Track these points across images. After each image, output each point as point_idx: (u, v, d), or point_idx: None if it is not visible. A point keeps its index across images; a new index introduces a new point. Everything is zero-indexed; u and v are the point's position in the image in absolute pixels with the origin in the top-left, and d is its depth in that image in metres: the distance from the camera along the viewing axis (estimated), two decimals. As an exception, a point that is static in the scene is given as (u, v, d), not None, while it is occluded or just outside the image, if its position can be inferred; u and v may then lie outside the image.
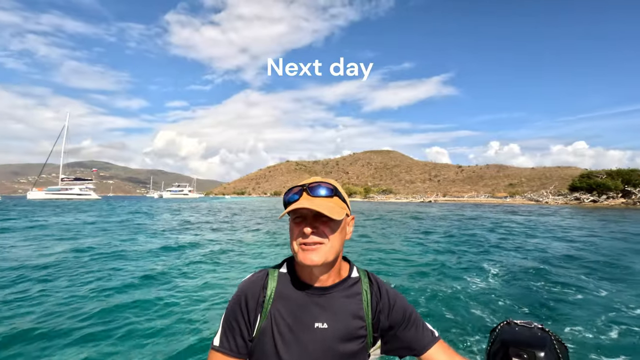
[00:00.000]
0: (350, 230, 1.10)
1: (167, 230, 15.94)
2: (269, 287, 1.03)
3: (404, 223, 21.12)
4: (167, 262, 8.46)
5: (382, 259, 9.05)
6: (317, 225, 0.97)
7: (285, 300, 1.02)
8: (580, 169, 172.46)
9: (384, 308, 1.08)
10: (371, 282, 1.11)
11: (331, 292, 1.04)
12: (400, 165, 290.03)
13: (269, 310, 1.01)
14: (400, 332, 1.09)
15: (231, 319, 1.02)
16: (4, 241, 11.52)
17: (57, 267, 7.44)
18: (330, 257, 0.98)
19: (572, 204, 65.19)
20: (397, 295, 1.12)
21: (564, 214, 33.11)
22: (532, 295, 5.78)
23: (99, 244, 11.05)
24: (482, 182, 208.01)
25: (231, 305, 1.04)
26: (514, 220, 23.19)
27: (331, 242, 0.98)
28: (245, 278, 1.10)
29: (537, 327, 1.25)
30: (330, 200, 1.01)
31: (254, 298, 1.02)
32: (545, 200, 79.43)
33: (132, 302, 5.16)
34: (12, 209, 33.15)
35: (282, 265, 1.12)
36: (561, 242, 12.35)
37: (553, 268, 7.90)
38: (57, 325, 4.21)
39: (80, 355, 3.55)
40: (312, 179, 1.06)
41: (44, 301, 5.15)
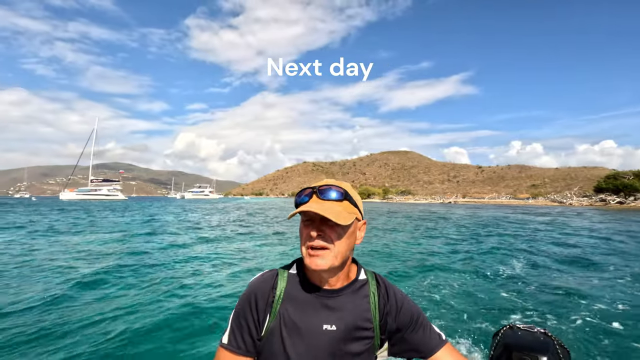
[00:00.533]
0: (362, 235, 1.09)
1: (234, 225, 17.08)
2: (279, 287, 1.04)
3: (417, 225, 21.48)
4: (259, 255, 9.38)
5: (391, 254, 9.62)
6: (324, 229, 0.97)
7: (294, 301, 1.03)
8: (608, 169, 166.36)
9: (392, 310, 1.09)
10: (379, 284, 1.12)
11: (339, 294, 1.05)
12: (418, 165, 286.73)
13: (277, 310, 1.01)
14: (407, 334, 1.09)
15: (240, 318, 1.03)
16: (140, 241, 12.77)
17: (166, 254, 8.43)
18: (336, 262, 0.98)
19: (597, 206, 63.33)
20: (405, 298, 1.13)
21: (589, 215, 32.49)
22: (535, 298, 5.72)
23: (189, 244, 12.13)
24: (503, 182, 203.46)
25: (241, 303, 1.05)
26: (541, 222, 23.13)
27: (337, 248, 0.98)
28: (255, 277, 1.10)
29: (540, 332, 1.24)
30: (340, 204, 1.01)
31: (264, 298, 1.03)
32: (569, 202, 77.15)
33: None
34: (66, 209, 34.60)
35: (292, 265, 1.12)
36: (573, 243, 12.47)
37: (562, 271, 7.81)
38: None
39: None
40: (323, 182, 1.06)
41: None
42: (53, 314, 4.61)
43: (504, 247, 11.36)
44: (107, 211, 32.40)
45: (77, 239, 12.67)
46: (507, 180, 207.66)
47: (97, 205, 46.60)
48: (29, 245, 10.70)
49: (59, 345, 3.72)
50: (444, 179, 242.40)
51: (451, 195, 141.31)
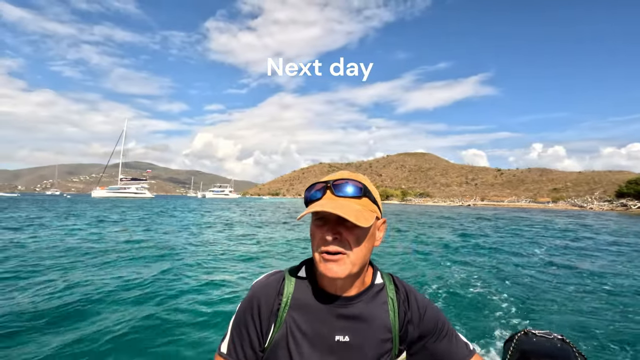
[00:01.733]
0: (381, 235, 0.94)
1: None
2: (285, 292, 0.91)
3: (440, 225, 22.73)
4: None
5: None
6: (341, 232, 0.83)
7: (302, 309, 0.90)
8: (635, 173, 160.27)
9: (414, 317, 0.96)
10: (397, 288, 0.99)
11: (354, 302, 0.92)
12: (435, 168, 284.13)
13: (284, 319, 0.89)
14: (430, 344, 0.97)
15: (241, 326, 0.91)
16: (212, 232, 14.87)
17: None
18: (355, 269, 0.85)
19: (618, 210, 63.23)
20: (428, 303, 1.00)
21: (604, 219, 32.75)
22: (546, 302, 5.44)
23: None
24: (523, 186, 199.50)
25: (242, 310, 0.93)
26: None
27: (356, 253, 0.84)
28: (258, 279, 0.98)
29: (557, 338, 1.17)
30: (358, 201, 0.86)
31: (268, 305, 0.90)
32: (589, 206, 76.84)
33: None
34: (109, 207, 35.95)
35: (301, 268, 0.98)
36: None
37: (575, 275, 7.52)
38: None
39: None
40: (338, 175, 0.90)
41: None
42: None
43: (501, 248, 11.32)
44: (152, 209, 34.88)
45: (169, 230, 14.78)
46: (527, 183, 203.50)
47: (133, 203, 49.49)
48: (129, 234, 12.95)
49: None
50: (462, 182, 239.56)
51: (470, 198, 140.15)
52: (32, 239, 11.01)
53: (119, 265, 7.45)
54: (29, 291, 5.26)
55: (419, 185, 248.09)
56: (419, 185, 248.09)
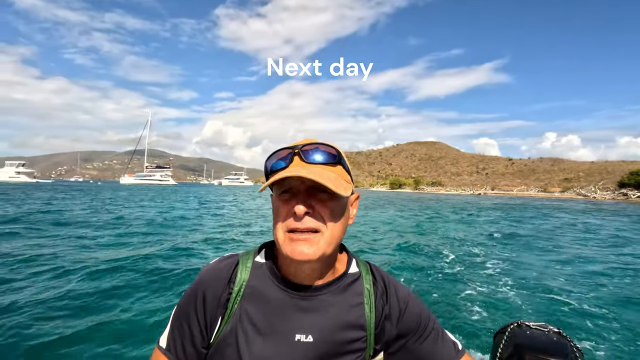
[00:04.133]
0: (354, 212, 0.81)
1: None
2: (238, 280, 0.76)
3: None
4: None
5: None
6: (313, 205, 0.70)
7: (258, 299, 0.75)
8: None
9: (392, 313, 0.81)
10: (375, 279, 0.84)
11: (322, 293, 0.76)
12: (446, 157, 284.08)
13: (234, 310, 0.74)
14: (412, 343, 0.82)
15: (182, 319, 0.77)
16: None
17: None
18: (328, 249, 0.71)
19: (619, 199, 69.33)
20: (410, 296, 0.85)
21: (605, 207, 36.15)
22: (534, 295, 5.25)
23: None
24: (534, 176, 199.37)
25: (184, 299, 0.79)
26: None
27: (331, 230, 0.71)
28: (208, 264, 0.83)
29: (553, 331, 1.07)
30: (333, 169, 0.74)
31: (215, 294, 0.76)
32: (592, 195, 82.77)
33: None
34: (158, 193, 40.82)
35: (259, 252, 0.83)
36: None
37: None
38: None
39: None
40: (306, 140, 0.77)
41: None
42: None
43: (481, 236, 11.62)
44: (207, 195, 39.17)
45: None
46: (538, 173, 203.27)
47: (162, 189, 53.91)
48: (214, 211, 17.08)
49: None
50: (472, 171, 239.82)
51: (480, 188, 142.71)
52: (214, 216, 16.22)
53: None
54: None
55: (429, 174, 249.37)
56: (429, 174, 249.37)
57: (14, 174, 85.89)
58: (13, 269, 5.79)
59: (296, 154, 0.73)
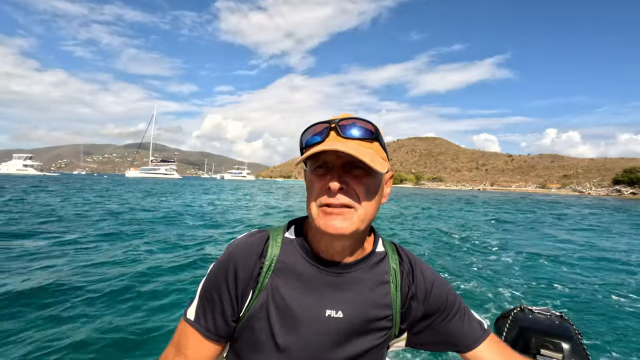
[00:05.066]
0: (388, 191, 0.80)
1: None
2: (269, 254, 0.76)
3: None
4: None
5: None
6: (348, 181, 0.68)
7: (289, 275, 0.75)
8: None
9: (419, 293, 0.81)
10: (401, 258, 0.84)
11: (351, 270, 0.77)
12: (446, 152, 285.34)
13: (265, 285, 0.74)
14: (438, 323, 0.83)
15: (212, 290, 0.76)
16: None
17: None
18: (361, 225, 0.70)
19: (613, 196, 72.46)
20: (436, 277, 0.85)
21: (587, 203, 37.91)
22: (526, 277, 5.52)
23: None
24: (534, 172, 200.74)
25: (214, 272, 0.77)
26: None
27: (365, 207, 0.70)
28: (237, 238, 0.82)
29: (555, 315, 1.12)
30: (370, 145, 0.71)
31: (247, 268, 0.75)
32: (587, 192, 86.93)
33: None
34: (168, 187, 41.28)
35: (289, 228, 0.83)
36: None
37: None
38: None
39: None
40: (342, 115, 0.75)
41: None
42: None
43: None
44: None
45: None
46: (537, 169, 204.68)
47: (174, 183, 55.31)
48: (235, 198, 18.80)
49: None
50: (472, 167, 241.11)
51: (479, 183, 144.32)
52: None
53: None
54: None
55: (429, 169, 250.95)
56: (429, 169, 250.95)
57: (22, 167, 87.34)
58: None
59: (332, 128, 0.71)
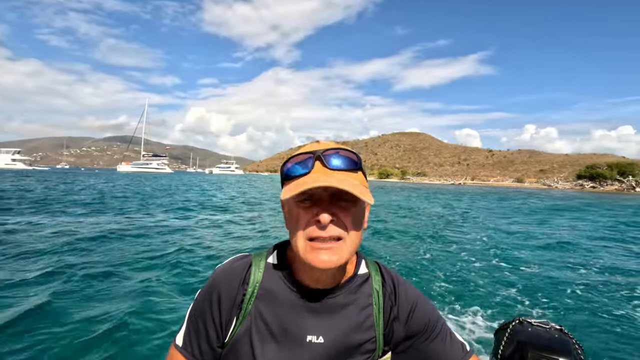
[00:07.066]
0: (367, 216, 0.79)
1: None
2: (252, 281, 0.78)
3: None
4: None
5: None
6: (336, 213, 0.68)
7: (271, 301, 0.77)
8: (618, 156, 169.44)
9: (401, 314, 0.82)
10: (384, 279, 0.84)
11: (333, 296, 0.78)
12: (429, 147, 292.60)
13: (249, 311, 0.76)
14: (420, 344, 0.83)
15: (198, 318, 0.78)
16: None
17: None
18: (349, 256, 0.71)
19: (576, 189, 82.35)
20: (419, 297, 0.85)
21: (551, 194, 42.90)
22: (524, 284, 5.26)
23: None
24: (513, 167, 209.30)
25: (200, 299, 0.80)
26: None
27: (352, 238, 0.70)
28: (222, 264, 0.83)
29: (555, 328, 1.08)
30: (355, 175, 0.72)
31: (230, 295, 0.77)
32: (555, 186, 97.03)
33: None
34: (167, 182, 42.99)
35: (272, 253, 0.84)
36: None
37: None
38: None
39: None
40: (323, 145, 0.75)
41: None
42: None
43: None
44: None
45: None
46: (516, 164, 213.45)
47: (173, 176, 57.13)
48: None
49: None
50: (454, 162, 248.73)
51: (460, 178, 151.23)
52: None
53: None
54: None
55: (413, 164, 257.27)
56: (413, 164, 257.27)
57: (10, 162, 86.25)
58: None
59: (317, 158, 0.70)
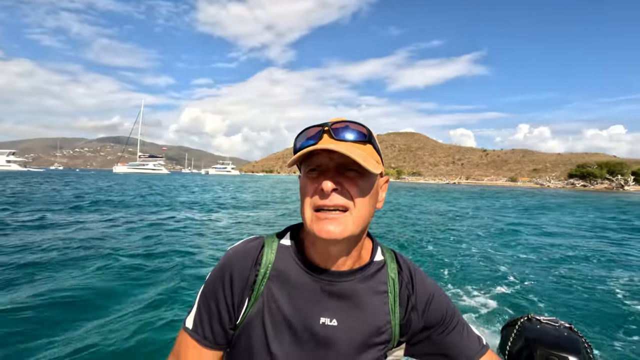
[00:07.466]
0: (383, 196, 0.79)
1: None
2: (264, 262, 0.76)
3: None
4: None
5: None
6: (341, 182, 0.68)
7: (284, 282, 0.75)
8: (609, 155, 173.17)
9: (419, 304, 0.80)
10: (400, 267, 0.82)
11: (348, 279, 0.75)
12: (424, 147, 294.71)
13: (261, 292, 0.75)
14: (436, 335, 0.81)
15: (210, 299, 0.77)
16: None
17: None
18: (356, 229, 0.69)
19: (567, 188, 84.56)
20: (436, 288, 0.83)
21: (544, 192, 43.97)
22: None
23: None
24: (506, 166, 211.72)
25: (212, 280, 0.78)
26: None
27: (359, 209, 0.69)
28: (234, 245, 0.82)
29: (564, 326, 1.08)
30: (363, 147, 0.71)
31: (242, 276, 0.75)
32: (547, 185, 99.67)
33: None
34: (166, 183, 43.63)
35: (285, 234, 0.82)
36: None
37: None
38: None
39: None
40: (336, 118, 0.75)
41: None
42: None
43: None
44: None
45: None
46: (510, 164, 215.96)
47: (157, 177, 57.44)
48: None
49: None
50: (449, 161, 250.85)
51: (455, 177, 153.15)
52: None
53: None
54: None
55: (408, 164, 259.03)
56: (408, 164, 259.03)
57: (5, 163, 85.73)
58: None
59: (325, 131, 0.71)
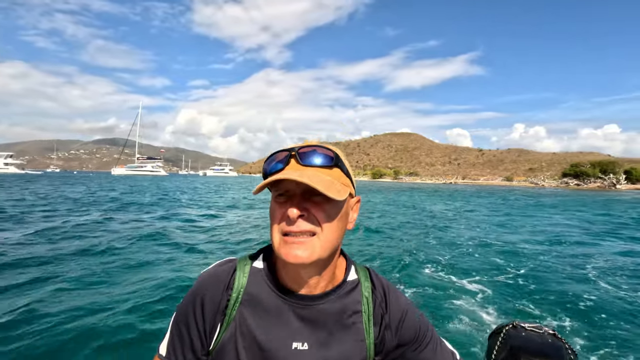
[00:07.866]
0: (355, 217, 0.78)
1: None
2: (236, 286, 0.76)
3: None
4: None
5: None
6: (308, 208, 0.68)
7: (256, 306, 0.75)
8: (603, 154, 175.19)
9: (392, 322, 0.80)
10: (374, 286, 0.82)
11: (320, 302, 0.75)
12: (421, 147, 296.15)
13: (233, 317, 0.74)
14: (410, 352, 0.82)
15: (181, 325, 0.76)
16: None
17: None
18: (324, 253, 0.69)
19: (562, 187, 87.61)
20: (409, 305, 0.83)
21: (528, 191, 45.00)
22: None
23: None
24: (502, 166, 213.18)
25: (184, 306, 0.77)
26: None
27: (326, 233, 0.69)
28: (206, 269, 0.81)
29: (548, 333, 1.08)
30: (329, 172, 0.71)
31: (214, 301, 0.75)
32: (542, 184, 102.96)
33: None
34: (174, 184, 44.67)
35: (258, 257, 0.82)
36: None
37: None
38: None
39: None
40: (307, 142, 0.76)
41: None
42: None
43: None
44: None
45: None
46: (505, 163, 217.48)
47: (154, 179, 57.72)
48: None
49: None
50: (445, 161, 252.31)
51: (451, 177, 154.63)
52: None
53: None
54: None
55: (405, 164, 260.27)
56: (405, 164, 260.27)
57: (3, 166, 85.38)
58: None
59: (292, 156, 0.71)
